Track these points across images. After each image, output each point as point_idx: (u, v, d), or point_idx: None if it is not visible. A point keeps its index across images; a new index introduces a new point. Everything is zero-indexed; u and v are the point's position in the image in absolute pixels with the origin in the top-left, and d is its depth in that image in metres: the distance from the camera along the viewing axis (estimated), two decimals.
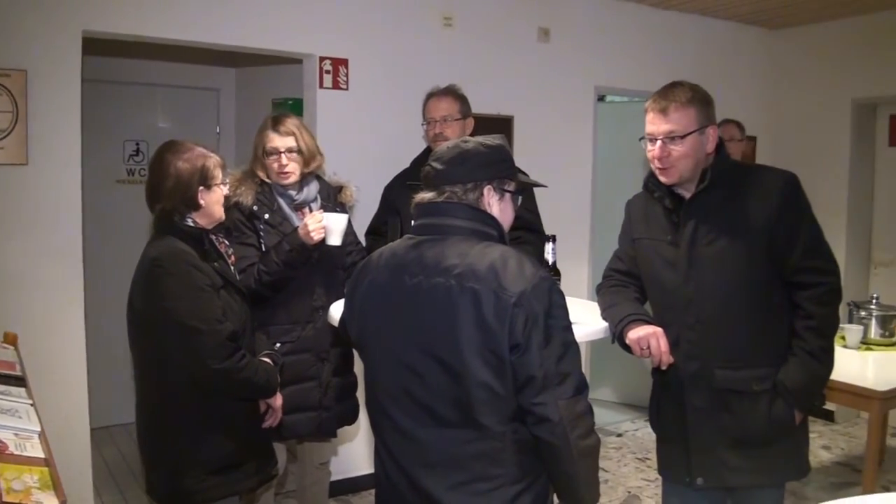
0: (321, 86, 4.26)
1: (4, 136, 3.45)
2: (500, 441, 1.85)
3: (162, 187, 2.50)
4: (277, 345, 3.03)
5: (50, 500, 1.74)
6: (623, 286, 2.70)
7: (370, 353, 2.04)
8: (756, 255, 2.40)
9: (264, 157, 3.17)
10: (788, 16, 5.69)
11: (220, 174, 2.59)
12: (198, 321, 2.38)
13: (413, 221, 2.04)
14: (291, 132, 3.15)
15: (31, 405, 2.40)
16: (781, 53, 6.12)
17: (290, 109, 4.67)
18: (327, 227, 3.04)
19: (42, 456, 2.00)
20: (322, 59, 4.25)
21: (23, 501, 1.70)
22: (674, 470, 2.65)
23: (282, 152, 3.12)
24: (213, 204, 2.57)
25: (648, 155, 2.46)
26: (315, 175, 3.28)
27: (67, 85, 3.59)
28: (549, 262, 2.72)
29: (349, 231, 3.25)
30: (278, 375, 2.71)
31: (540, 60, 5.03)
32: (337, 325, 2.38)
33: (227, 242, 2.80)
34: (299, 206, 3.23)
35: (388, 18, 4.45)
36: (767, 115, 6.11)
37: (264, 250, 3.10)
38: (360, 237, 3.62)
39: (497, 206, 2.00)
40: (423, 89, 3.80)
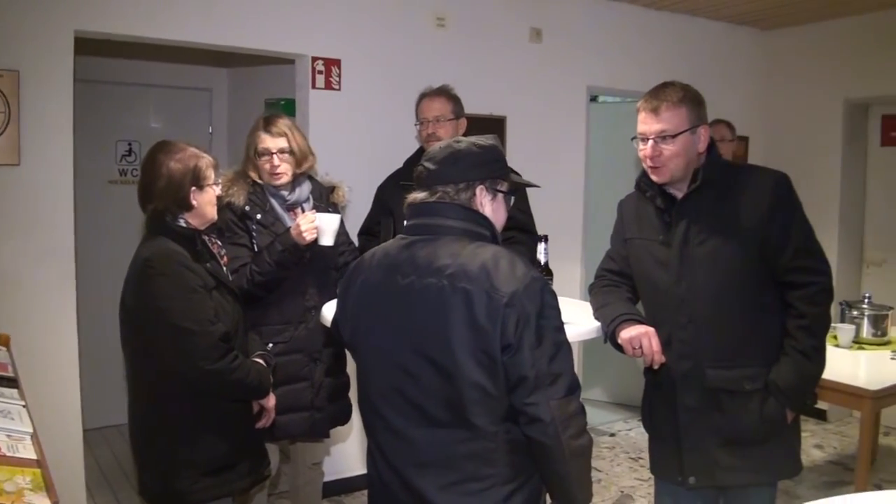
0: (314, 86, 4.25)
1: None
2: (492, 441, 1.85)
3: (154, 187, 2.49)
4: (270, 345, 3.02)
5: (42, 502, 1.73)
6: (615, 286, 2.70)
7: (363, 353, 2.04)
8: (748, 255, 2.40)
9: (256, 158, 3.16)
10: (781, 16, 5.71)
11: (213, 175, 2.58)
12: (190, 322, 2.37)
13: (405, 221, 2.04)
14: (283, 133, 3.14)
15: (24, 406, 2.40)
16: (774, 54, 6.13)
17: (283, 110, 4.67)
18: (319, 227, 3.04)
19: (34, 457, 2.00)
20: (314, 59, 4.24)
21: (15, 503, 1.69)
22: (666, 469, 2.65)
23: (273, 153, 3.12)
24: (206, 204, 2.56)
25: (640, 154, 2.47)
26: (307, 175, 3.28)
27: (60, 85, 3.57)
28: (542, 262, 2.73)
29: (341, 231, 3.25)
30: (271, 376, 2.71)
31: (532, 61, 5.03)
32: (329, 325, 2.37)
33: (219, 243, 2.80)
34: (291, 206, 3.23)
35: (381, 19, 4.45)
36: (760, 116, 6.13)
37: (256, 251, 3.10)
38: (352, 237, 3.63)
39: (489, 206, 2.00)
40: (416, 90, 3.80)
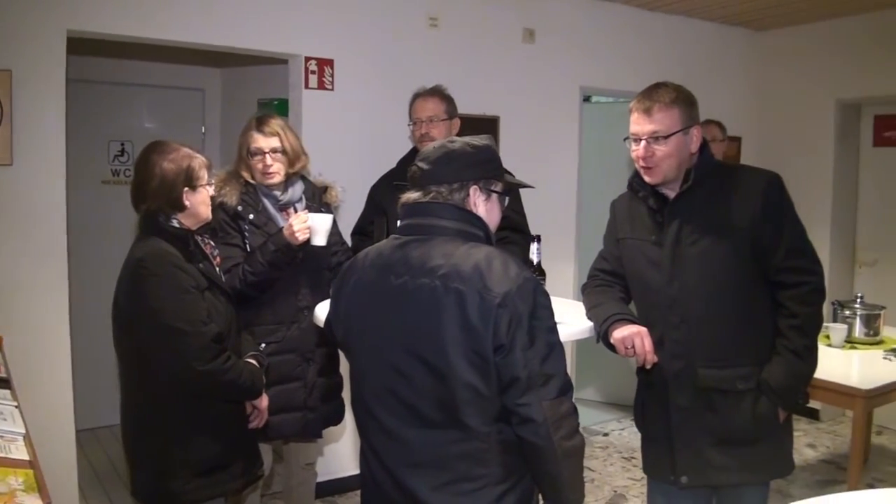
0: (307, 86, 4.25)
1: None
2: (484, 441, 1.85)
3: (147, 188, 2.49)
4: (262, 345, 3.02)
5: (35, 503, 1.73)
6: (608, 286, 2.71)
7: (356, 353, 2.04)
8: (740, 255, 2.41)
9: (249, 158, 3.16)
10: (773, 17, 5.72)
11: (206, 175, 2.58)
12: (183, 323, 2.37)
13: (399, 221, 2.04)
14: (276, 132, 3.14)
15: (16, 407, 2.39)
16: (767, 54, 6.15)
17: (276, 110, 4.67)
18: (312, 227, 3.04)
19: (27, 458, 1.99)
20: (307, 59, 4.24)
21: None
22: (659, 469, 2.65)
23: (266, 153, 3.12)
24: (199, 205, 2.56)
25: (633, 155, 2.47)
26: (300, 175, 3.28)
27: (52, 85, 3.57)
28: (534, 261, 2.74)
29: (334, 231, 3.25)
30: (263, 377, 2.70)
31: (525, 61, 5.04)
32: (322, 325, 2.37)
33: (212, 244, 2.79)
34: (284, 206, 3.22)
35: (374, 19, 4.45)
36: (752, 116, 6.14)
37: (249, 251, 3.09)
38: (345, 237, 3.62)
39: (483, 206, 1.99)
40: (409, 90, 3.80)
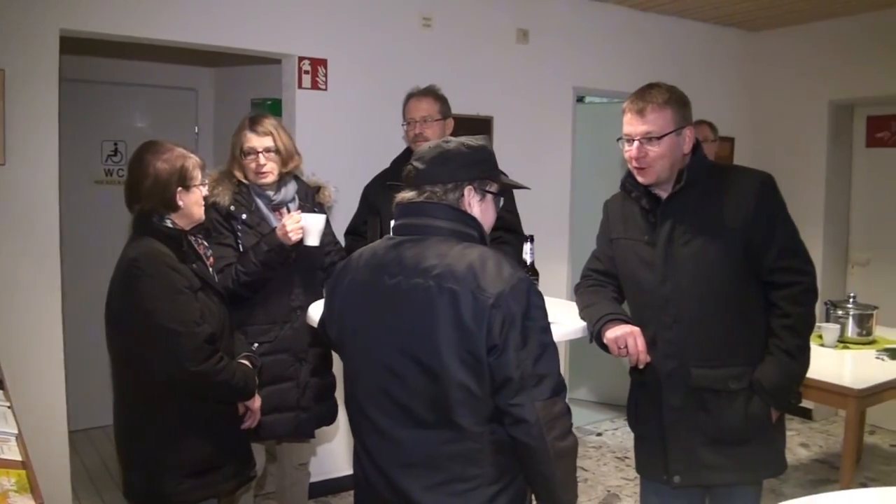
0: (300, 86, 4.25)
1: None
2: (477, 442, 1.85)
3: (140, 187, 2.49)
4: (255, 345, 3.01)
5: None
6: (601, 286, 2.71)
7: (349, 353, 2.04)
8: (732, 255, 2.41)
9: (242, 157, 3.15)
10: (766, 18, 5.74)
11: (200, 175, 2.58)
12: (176, 323, 2.37)
13: (393, 221, 2.04)
14: (269, 132, 3.14)
15: (9, 408, 2.38)
16: (760, 55, 6.16)
17: (269, 110, 4.66)
18: (305, 227, 3.03)
19: (19, 459, 1.98)
20: (301, 59, 4.24)
21: None
22: (652, 468, 2.65)
23: (259, 152, 3.11)
24: (192, 205, 2.55)
25: (625, 155, 2.48)
26: (293, 175, 3.27)
27: (45, 84, 3.56)
28: (528, 261, 2.74)
29: (327, 231, 3.25)
30: (256, 378, 2.70)
31: (519, 61, 5.04)
32: (315, 325, 2.37)
33: (205, 244, 2.78)
34: (277, 206, 3.22)
35: (367, 19, 4.45)
36: (745, 117, 6.16)
37: (242, 251, 3.09)
38: (339, 237, 3.62)
39: (478, 206, 1.99)
40: (403, 90, 3.80)
